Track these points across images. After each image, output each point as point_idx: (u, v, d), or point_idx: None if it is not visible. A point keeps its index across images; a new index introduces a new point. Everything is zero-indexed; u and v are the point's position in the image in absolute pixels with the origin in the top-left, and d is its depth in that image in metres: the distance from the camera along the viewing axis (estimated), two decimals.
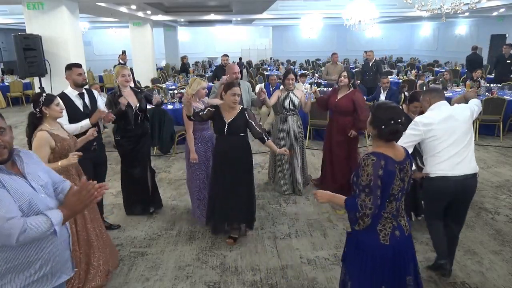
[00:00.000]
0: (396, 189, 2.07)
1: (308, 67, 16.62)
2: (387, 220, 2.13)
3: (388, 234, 2.12)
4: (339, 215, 4.43)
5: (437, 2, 7.38)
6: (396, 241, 2.13)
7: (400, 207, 2.19)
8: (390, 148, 2.11)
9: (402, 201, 2.20)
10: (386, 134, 2.08)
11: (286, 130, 4.86)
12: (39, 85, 6.66)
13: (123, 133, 4.17)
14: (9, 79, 13.04)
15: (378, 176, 2.01)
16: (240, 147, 3.73)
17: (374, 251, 2.13)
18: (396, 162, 2.06)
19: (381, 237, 2.12)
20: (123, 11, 10.33)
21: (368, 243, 2.14)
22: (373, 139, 2.18)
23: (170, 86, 10.52)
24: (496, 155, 6.56)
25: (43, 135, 2.85)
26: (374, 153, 2.06)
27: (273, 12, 12.94)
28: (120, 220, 4.39)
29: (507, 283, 3.20)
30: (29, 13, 6.74)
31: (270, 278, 3.33)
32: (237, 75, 4.53)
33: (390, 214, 2.13)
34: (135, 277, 3.36)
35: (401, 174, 2.09)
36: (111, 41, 21.64)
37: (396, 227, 2.15)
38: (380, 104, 2.18)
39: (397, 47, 22.66)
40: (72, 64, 3.75)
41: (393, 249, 2.13)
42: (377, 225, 2.13)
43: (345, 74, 4.69)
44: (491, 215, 4.39)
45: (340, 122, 4.74)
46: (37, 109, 2.89)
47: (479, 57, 11.30)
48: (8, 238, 1.62)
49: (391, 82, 8.01)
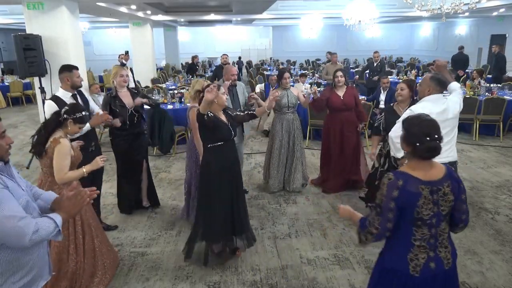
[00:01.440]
0: (425, 213, 1.83)
1: (308, 67, 16.63)
2: (420, 249, 1.88)
3: (421, 265, 1.87)
4: (339, 216, 4.42)
5: (437, 2, 7.38)
6: (430, 274, 1.88)
7: (440, 236, 1.91)
8: (423, 167, 1.87)
9: (443, 229, 1.92)
10: (421, 152, 1.84)
11: (286, 127, 4.90)
12: (39, 85, 6.66)
13: (118, 133, 4.16)
14: (9, 79, 13.04)
15: (391, 198, 1.82)
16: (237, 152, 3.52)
17: (401, 282, 1.90)
18: (423, 183, 1.83)
19: (411, 268, 1.88)
20: (123, 11, 10.33)
21: (395, 272, 1.92)
22: (408, 157, 1.95)
23: (170, 86, 10.52)
24: (496, 155, 6.56)
25: (67, 143, 2.78)
26: (394, 172, 1.87)
27: (273, 12, 12.94)
28: (120, 220, 4.39)
29: (507, 283, 3.20)
30: (29, 13, 6.74)
31: (270, 278, 3.33)
32: (235, 77, 4.59)
33: (424, 241, 1.88)
34: (135, 277, 3.36)
35: (434, 197, 1.84)
36: (111, 41, 21.65)
37: (433, 258, 1.89)
38: (412, 118, 1.93)
39: (397, 47, 22.66)
40: (72, 66, 3.69)
41: (424, 283, 1.88)
42: (407, 254, 1.89)
43: (341, 73, 4.92)
44: (491, 215, 4.39)
45: (348, 118, 4.91)
46: (65, 115, 2.79)
47: (465, 56, 11.73)
48: (20, 238, 1.59)
49: (391, 82, 8.01)
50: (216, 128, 3.15)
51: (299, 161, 5.00)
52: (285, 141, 4.90)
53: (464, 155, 6.46)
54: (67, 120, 2.81)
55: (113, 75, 4.17)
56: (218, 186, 3.25)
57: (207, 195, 3.30)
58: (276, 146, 4.91)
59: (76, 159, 2.90)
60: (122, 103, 4.08)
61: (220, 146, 3.22)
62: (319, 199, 4.88)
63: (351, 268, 3.44)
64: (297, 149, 4.96)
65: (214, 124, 3.11)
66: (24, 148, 7.36)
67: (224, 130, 3.19)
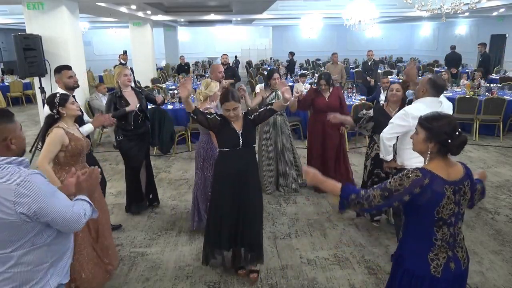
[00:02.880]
0: (445, 213, 1.82)
1: (308, 67, 16.62)
2: (441, 249, 1.86)
3: (441, 265, 1.85)
4: (339, 215, 4.43)
5: (437, 2, 7.38)
6: (450, 275, 1.86)
7: (458, 235, 1.92)
8: (444, 166, 1.85)
9: (459, 228, 1.92)
10: (454, 147, 1.80)
11: (273, 130, 4.88)
12: (39, 85, 6.65)
13: (123, 133, 4.19)
14: (9, 79, 13.04)
15: (410, 192, 1.79)
16: (253, 162, 3.26)
17: (423, 284, 1.86)
18: (447, 183, 1.80)
19: (432, 268, 1.85)
20: (123, 11, 10.33)
21: (417, 273, 1.87)
22: (430, 156, 1.87)
23: (170, 86, 10.52)
24: (496, 155, 6.56)
25: (58, 131, 2.82)
26: (421, 169, 1.82)
27: (273, 12, 12.93)
28: (120, 220, 4.39)
29: (507, 283, 3.20)
30: (29, 13, 6.74)
31: (270, 278, 3.33)
32: (222, 74, 4.65)
33: (444, 242, 1.86)
34: (135, 277, 3.36)
35: (456, 197, 1.83)
36: (111, 41, 21.62)
37: (452, 258, 1.88)
38: (433, 117, 1.87)
39: (397, 47, 22.64)
40: (61, 66, 3.69)
41: (446, 284, 1.86)
42: (428, 253, 1.86)
43: (324, 82, 4.84)
44: (491, 215, 4.39)
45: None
46: (54, 111, 2.86)
47: (458, 55, 12.14)
48: (78, 222, 1.71)
49: (391, 82, 8.00)
50: (220, 134, 3.08)
51: (291, 163, 4.99)
52: (273, 143, 4.89)
53: (464, 155, 6.45)
54: (58, 110, 2.86)
55: (116, 75, 4.17)
56: (221, 195, 3.14)
57: (213, 200, 3.23)
58: (264, 148, 4.90)
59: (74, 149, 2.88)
60: (128, 102, 4.08)
61: (227, 152, 3.10)
62: (319, 199, 4.88)
63: (351, 268, 3.44)
64: (287, 152, 4.94)
65: (219, 129, 3.05)
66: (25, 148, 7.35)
67: (228, 138, 3.06)
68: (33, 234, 1.62)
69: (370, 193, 1.85)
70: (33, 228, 1.62)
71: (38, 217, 1.59)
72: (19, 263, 1.63)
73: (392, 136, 3.12)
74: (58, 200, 1.65)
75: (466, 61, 15.90)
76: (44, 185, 1.62)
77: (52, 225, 1.65)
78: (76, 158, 2.96)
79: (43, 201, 1.58)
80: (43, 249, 1.67)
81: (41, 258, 1.68)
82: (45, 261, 1.69)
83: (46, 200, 1.59)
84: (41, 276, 1.68)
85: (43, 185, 1.62)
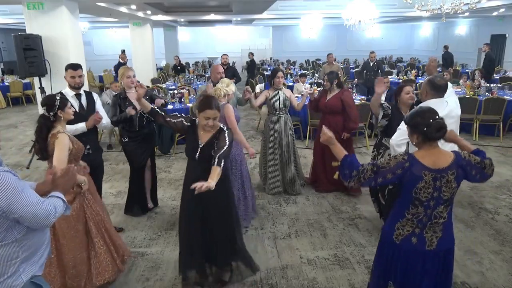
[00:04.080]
0: (423, 195, 2.04)
1: (308, 67, 16.63)
2: (407, 222, 2.13)
3: (403, 235, 2.14)
4: (339, 215, 4.44)
5: (437, 2, 7.39)
6: (411, 247, 2.13)
7: (435, 218, 2.10)
8: (431, 154, 2.06)
9: (440, 212, 2.09)
10: (431, 133, 2.03)
11: (278, 129, 4.87)
12: (39, 85, 6.66)
13: (128, 135, 4.18)
14: (9, 79, 13.04)
15: (392, 172, 2.06)
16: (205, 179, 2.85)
17: (384, 243, 2.23)
18: (426, 169, 2.02)
19: (395, 234, 2.16)
20: (123, 11, 10.33)
21: (384, 233, 2.23)
22: (417, 146, 2.12)
23: (170, 86, 10.52)
24: (496, 155, 6.56)
25: (65, 137, 2.83)
26: (408, 154, 2.09)
27: (273, 12, 12.93)
28: (120, 220, 4.39)
29: (507, 283, 3.20)
30: (29, 13, 6.74)
31: (270, 278, 3.33)
32: (222, 75, 4.66)
33: (414, 218, 2.11)
34: (135, 277, 3.36)
35: (437, 183, 2.03)
36: (111, 41, 21.63)
37: (416, 234, 2.13)
38: (411, 114, 2.15)
39: (397, 47, 22.65)
40: (68, 65, 3.70)
41: (403, 251, 2.14)
42: (396, 222, 2.17)
43: (326, 78, 4.91)
44: (491, 215, 4.39)
45: (331, 122, 4.78)
46: (51, 113, 2.84)
47: (451, 55, 12.79)
48: (47, 219, 1.73)
49: (391, 82, 8.02)
50: (187, 139, 2.96)
51: (295, 163, 4.99)
52: (278, 143, 4.88)
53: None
54: (56, 113, 2.86)
55: (120, 76, 4.15)
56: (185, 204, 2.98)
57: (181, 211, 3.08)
58: (270, 149, 4.89)
59: (77, 151, 2.91)
60: (132, 104, 4.05)
61: (188, 160, 3.00)
62: (319, 199, 4.88)
63: (351, 268, 3.44)
64: (291, 152, 4.93)
65: (187, 134, 2.94)
66: (24, 148, 7.36)
67: (190, 145, 2.90)
68: (2, 230, 1.66)
69: (365, 167, 2.11)
70: (2, 224, 1.66)
71: (6, 214, 1.63)
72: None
73: (401, 142, 3.07)
74: (27, 196, 1.68)
75: (466, 61, 15.92)
76: (13, 182, 1.65)
77: (21, 221, 1.68)
78: (77, 160, 2.98)
79: (10, 198, 1.61)
80: (13, 245, 1.71)
81: (11, 253, 1.72)
82: (16, 256, 1.73)
83: (14, 197, 1.62)
84: (13, 270, 1.73)
85: (12, 181, 1.65)
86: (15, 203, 1.63)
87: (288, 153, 4.91)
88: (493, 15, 14.63)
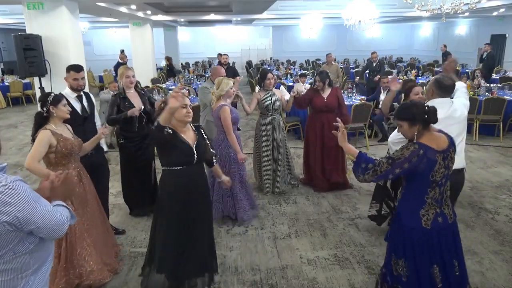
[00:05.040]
0: (438, 176, 2.24)
1: (308, 67, 16.62)
2: (430, 206, 2.29)
3: (431, 219, 2.28)
4: (339, 215, 4.44)
5: (437, 2, 7.39)
6: (438, 227, 2.29)
7: (445, 195, 2.34)
8: (433, 138, 2.26)
9: (447, 186, 2.33)
10: (432, 118, 2.23)
11: (270, 130, 4.86)
12: (39, 85, 6.65)
13: (126, 135, 4.15)
14: (9, 79, 13.04)
15: (408, 161, 2.20)
16: (205, 178, 2.90)
17: (413, 234, 2.30)
18: (437, 152, 2.22)
19: (423, 222, 2.28)
20: (123, 11, 10.33)
21: (410, 226, 2.31)
22: (417, 135, 2.27)
23: (170, 86, 10.52)
24: (496, 155, 6.56)
25: (45, 133, 2.86)
26: (418, 143, 2.24)
27: (273, 12, 12.92)
28: (120, 220, 4.39)
29: (507, 283, 3.20)
30: (29, 13, 6.73)
31: (270, 278, 3.33)
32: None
33: (433, 200, 2.28)
34: (135, 277, 3.35)
35: (445, 162, 2.26)
36: (111, 41, 21.61)
37: (439, 214, 2.31)
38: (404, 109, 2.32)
39: (397, 47, 22.63)
40: (70, 66, 3.66)
41: (436, 233, 2.29)
42: (420, 210, 2.29)
43: (318, 78, 4.95)
44: (491, 215, 4.39)
45: (330, 119, 4.75)
46: (44, 109, 2.88)
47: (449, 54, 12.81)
48: (61, 229, 1.67)
49: None
50: (172, 149, 2.61)
51: (285, 164, 4.98)
52: (270, 143, 4.88)
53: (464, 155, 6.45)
54: (48, 109, 2.88)
55: (119, 76, 4.13)
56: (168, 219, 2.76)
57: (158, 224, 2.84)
58: (263, 150, 4.88)
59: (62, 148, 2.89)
60: (132, 104, 4.03)
61: (178, 171, 2.67)
62: (319, 199, 4.88)
63: (351, 268, 3.44)
64: (282, 153, 4.92)
65: (171, 143, 2.57)
66: (24, 148, 7.36)
67: (182, 153, 2.63)
68: (15, 243, 1.56)
69: (380, 160, 2.28)
70: (16, 237, 1.55)
71: (23, 226, 1.53)
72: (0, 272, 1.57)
73: (398, 141, 3.08)
74: (44, 206, 1.60)
75: (466, 61, 15.91)
76: (29, 191, 1.56)
77: (36, 233, 1.60)
78: (68, 158, 2.98)
79: (28, 208, 1.52)
80: (25, 257, 1.61)
81: (24, 265, 1.62)
82: (28, 267, 1.63)
83: (31, 208, 1.53)
84: (24, 284, 1.63)
85: (28, 191, 1.55)
86: (34, 214, 1.54)
87: (280, 154, 4.92)
88: (493, 15, 14.63)
